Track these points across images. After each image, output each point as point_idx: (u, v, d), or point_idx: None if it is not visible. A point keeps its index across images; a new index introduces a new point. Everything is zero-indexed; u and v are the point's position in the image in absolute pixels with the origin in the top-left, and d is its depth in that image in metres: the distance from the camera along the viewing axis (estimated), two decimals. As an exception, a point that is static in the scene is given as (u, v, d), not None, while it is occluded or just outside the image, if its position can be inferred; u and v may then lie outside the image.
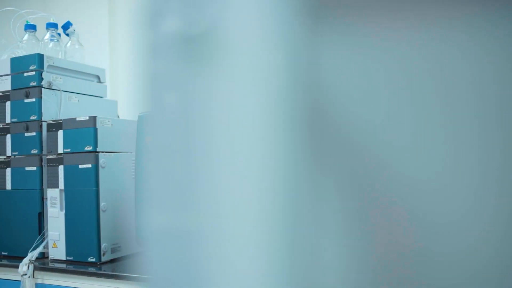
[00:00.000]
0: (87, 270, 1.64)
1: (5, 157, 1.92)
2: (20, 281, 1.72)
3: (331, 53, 0.29)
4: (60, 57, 2.02)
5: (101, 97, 2.14)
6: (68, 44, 2.09)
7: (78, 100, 2.00)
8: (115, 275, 1.58)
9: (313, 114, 0.28)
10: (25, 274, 1.70)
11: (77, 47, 2.10)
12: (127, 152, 1.85)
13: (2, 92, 1.93)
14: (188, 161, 0.32)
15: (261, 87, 0.29)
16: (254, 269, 0.29)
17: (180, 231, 0.33)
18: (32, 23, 2.06)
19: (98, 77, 2.14)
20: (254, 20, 0.29)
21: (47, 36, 2.03)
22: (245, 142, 0.30)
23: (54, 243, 1.78)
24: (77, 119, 1.75)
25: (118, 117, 2.22)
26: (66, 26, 2.07)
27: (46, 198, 1.82)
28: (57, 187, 1.78)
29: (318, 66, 0.29)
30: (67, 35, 2.09)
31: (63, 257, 1.76)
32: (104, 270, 1.63)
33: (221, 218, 0.31)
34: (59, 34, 2.08)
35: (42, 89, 1.85)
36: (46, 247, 1.81)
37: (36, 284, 1.73)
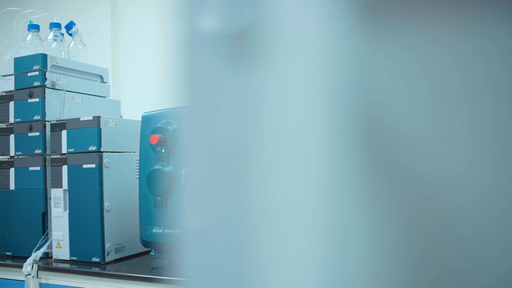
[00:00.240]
0: (91, 270, 1.64)
1: (8, 157, 1.92)
2: (24, 281, 1.72)
3: (389, 56, 0.28)
4: (63, 57, 2.02)
5: (104, 97, 2.14)
6: (71, 44, 2.09)
7: (82, 100, 2.00)
8: (120, 275, 1.58)
9: (368, 118, 0.28)
10: (29, 274, 1.70)
11: (80, 47, 2.09)
12: (130, 152, 1.85)
13: (6, 92, 1.93)
14: (237, 160, 0.32)
15: (314, 87, 0.29)
16: (306, 271, 0.29)
17: (227, 232, 0.33)
18: (34, 23, 2.06)
19: (101, 77, 2.14)
20: (306, 18, 0.29)
21: (51, 36, 2.03)
22: (297, 142, 0.30)
23: (58, 243, 1.78)
24: (81, 119, 1.74)
25: (121, 117, 2.22)
26: (69, 26, 2.07)
27: (50, 198, 1.82)
28: (61, 187, 1.78)
29: (375, 69, 0.28)
30: (70, 35, 2.09)
31: (67, 257, 1.76)
32: (108, 270, 1.63)
33: (272, 219, 0.30)
34: (62, 34, 2.08)
35: (46, 89, 1.85)
36: (50, 247, 1.81)
37: (40, 284, 1.73)
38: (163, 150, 1.56)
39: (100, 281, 1.61)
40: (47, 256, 1.81)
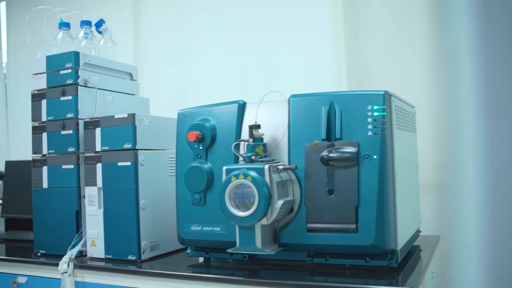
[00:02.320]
0: (128, 268, 1.64)
1: (41, 155, 1.92)
2: (60, 279, 1.72)
3: None
4: (93, 55, 2.01)
5: (133, 94, 2.13)
6: (101, 42, 2.08)
7: (112, 98, 1.99)
8: (159, 273, 1.57)
9: None
10: (65, 272, 1.70)
11: (110, 44, 2.09)
12: (165, 149, 1.84)
13: (38, 90, 1.93)
14: None
15: None
16: None
17: None
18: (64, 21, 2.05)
19: (131, 75, 2.13)
20: None
21: (81, 33, 2.02)
22: None
23: (93, 241, 1.78)
24: (116, 117, 1.74)
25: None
26: (99, 23, 2.06)
27: (83, 196, 1.82)
28: (95, 185, 1.77)
29: None
30: (100, 32, 2.08)
31: (102, 255, 1.76)
32: (145, 268, 1.62)
33: None
34: (91, 32, 2.07)
35: (78, 87, 1.85)
36: (84, 245, 1.81)
37: (76, 282, 1.72)
38: (200, 147, 1.54)
39: (138, 279, 1.61)
40: (81, 254, 1.81)
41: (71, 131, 1.84)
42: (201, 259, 1.65)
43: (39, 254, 1.90)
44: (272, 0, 2.67)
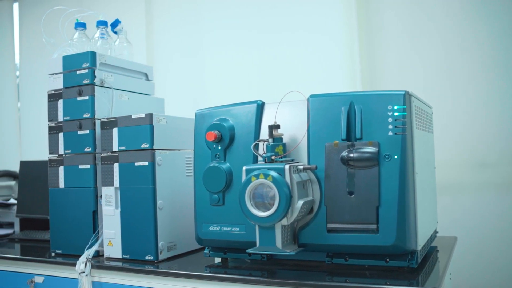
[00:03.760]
0: (145, 268, 1.63)
1: (57, 155, 1.93)
2: (77, 279, 1.72)
3: None
4: (109, 55, 2.01)
5: (149, 94, 2.13)
6: (117, 42, 2.08)
7: (128, 98, 1.99)
8: (174, 273, 1.56)
9: None
10: (83, 272, 1.70)
11: (125, 44, 2.09)
12: (182, 149, 1.84)
13: (54, 90, 1.93)
14: None
15: None
16: None
17: None
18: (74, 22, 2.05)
19: (146, 75, 2.14)
20: None
21: (97, 34, 2.02)
22: None
23: (110, 241, 1.78)
24: (133, 117, 1.74)
25: (164, 114, 2.21)
26: (115, 23, 2.06)
27: (100, 196, 1.82)
28: (112, 185, 1.77)
29: None
30: (115, 32, 2.09)
31: (119, 256, 1.76)
32: (162, 268, 1.62)
33: None
34: (107, 32, 2.07)
35: (95, 87, 1.85)
36: (101, 245, 1.81)
37: (93, 282, 1.73)
38: (219, 147, 1.54)
39: (155, 279, 1.60)
40: (98, 254, 1.81)
41: (87, 131, 1.85)
42: (218, 260, 1.65)
43: (53, 254, 1.91)
44: (286, 2, 2.67)
